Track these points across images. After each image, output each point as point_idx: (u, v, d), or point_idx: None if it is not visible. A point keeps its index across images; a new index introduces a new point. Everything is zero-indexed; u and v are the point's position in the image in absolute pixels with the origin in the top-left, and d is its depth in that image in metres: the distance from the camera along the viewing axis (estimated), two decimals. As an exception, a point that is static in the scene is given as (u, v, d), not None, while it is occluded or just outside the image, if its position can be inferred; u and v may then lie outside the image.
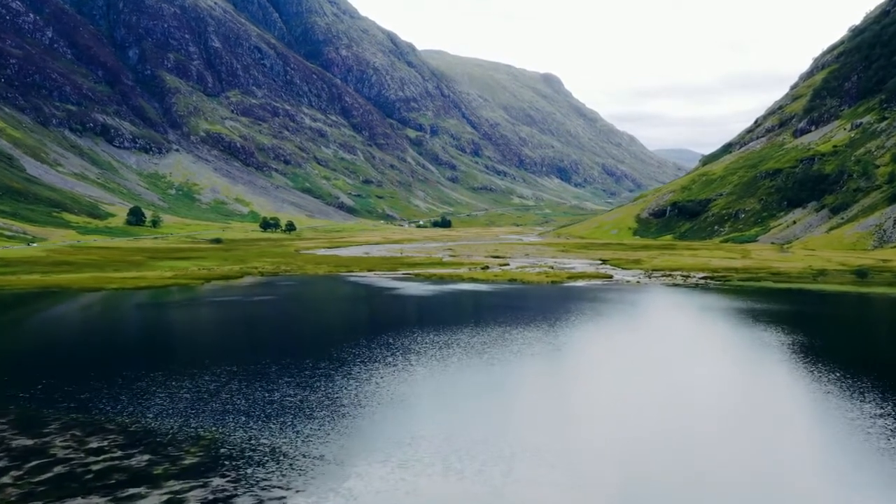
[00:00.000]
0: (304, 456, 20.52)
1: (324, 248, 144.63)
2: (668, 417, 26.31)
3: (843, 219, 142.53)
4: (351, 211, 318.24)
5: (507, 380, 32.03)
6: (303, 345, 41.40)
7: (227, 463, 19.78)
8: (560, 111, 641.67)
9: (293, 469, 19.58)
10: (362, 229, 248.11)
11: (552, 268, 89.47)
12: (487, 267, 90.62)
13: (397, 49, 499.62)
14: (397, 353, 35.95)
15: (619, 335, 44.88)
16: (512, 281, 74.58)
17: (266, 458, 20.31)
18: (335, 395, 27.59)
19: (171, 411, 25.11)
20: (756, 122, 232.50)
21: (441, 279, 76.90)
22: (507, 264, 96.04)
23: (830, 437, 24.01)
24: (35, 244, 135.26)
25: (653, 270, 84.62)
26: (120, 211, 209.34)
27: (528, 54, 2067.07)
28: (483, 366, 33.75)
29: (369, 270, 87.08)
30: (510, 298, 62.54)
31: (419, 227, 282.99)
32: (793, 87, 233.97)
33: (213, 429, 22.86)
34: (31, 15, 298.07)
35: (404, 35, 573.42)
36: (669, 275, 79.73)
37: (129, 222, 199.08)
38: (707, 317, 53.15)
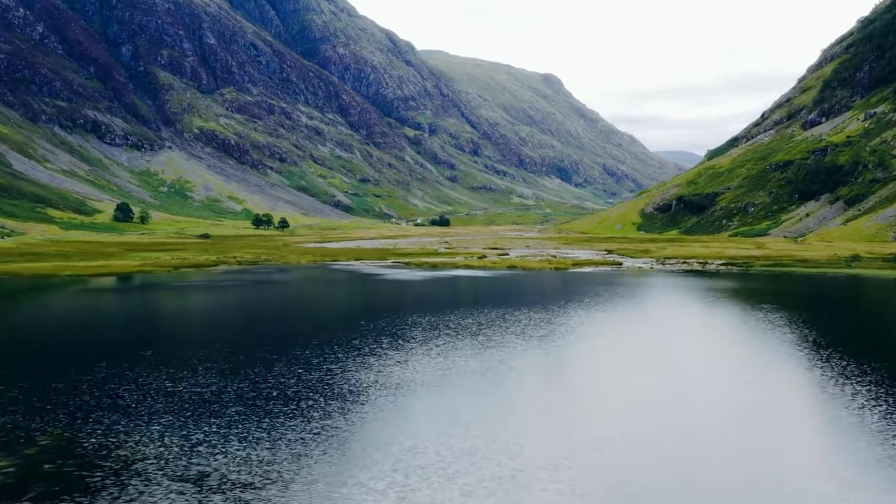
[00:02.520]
0: (176, 476, 13.20)
1: (314, 242, 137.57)
2: (712, 424, 19.17)
3: (859, 210, 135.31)
4: (347, 209, 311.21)
5: (505, 369, 24.62)
6: (249, 328, 34.10)
7: (41, 486, 12.54)
8: (560, 111, 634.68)
9: (142, 497, 12.33)
10: (358, 227, 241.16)
11: (555, 256, 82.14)
12: (485, 256, 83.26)
13: (396, 48, 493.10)
14: (367, 337, 28.75)
15: (636, 323, 37.60)
16: (511, 268, 67.18)
17: (108, 479, 13.02)
18: (263, 387, 20.35)
19: (15, 408, 17.87)
20: (763, 115, 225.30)
21: (433, 267, 69.58)
22: (507, 254, 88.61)
23: (863, 436, 16.87)
24: (9, 237, 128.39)
25: (665, 258, 77.23)
26: (108, 207, 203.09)
27: (528, 57, 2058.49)
28: (472, 352, 26.48)
29: (356, 259, 79.83)
30: (509, 283, 55.20)
31: (417, 225, 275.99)
32: (800, 80, 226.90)
33: (58, 432, 15.61)
34: (22, 10, 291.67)
35: (403, 35, 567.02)
36: (685, 262, 72.30)
37: (116, 218, 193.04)
38: (737, 302, 45.70)
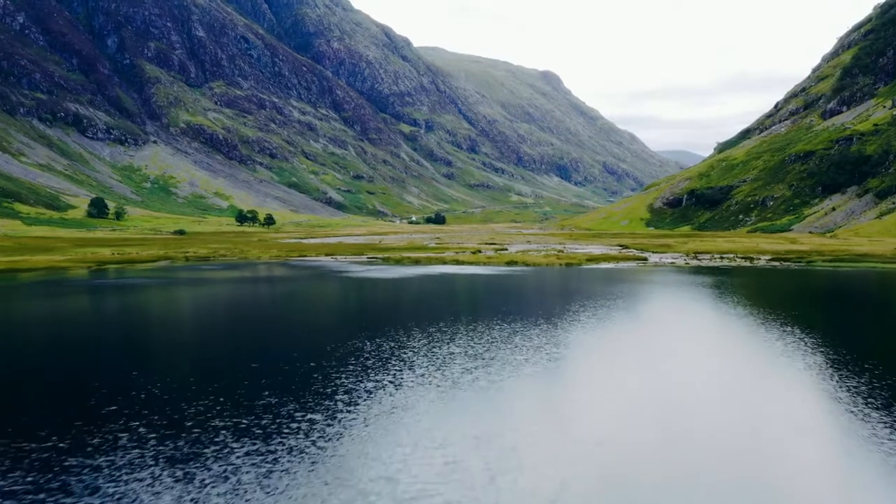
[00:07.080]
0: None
1: (295, 238, 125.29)
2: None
3: (893, 203, 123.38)
4: (339, 207, 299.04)
5: (505, 385, 12.62)
6: (125, 335, 22.15)
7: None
8: (559, 109, 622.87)
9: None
10: (348, 224, 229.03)
11: (562, 251, 69.90)
12: (479, 251, 71.06)
13: (392, 43, 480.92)
14: (318, 339, 16.82)
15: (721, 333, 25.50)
16: (511, 264, 54.97)
17: None
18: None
19: None
20: (776, 105, 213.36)
21: (416, 262, 57.41)
22: (506, 249, 76.46)
23: None
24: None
25: (696, 253, 65.07)
26: (84, 203, 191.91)
27: (525, 57, 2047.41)
28: (455, 364, 14.51)
29: (328, 255, 67.67)
30: (510, 280, 42.96)
31: (411, 223, 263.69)
32: (815, 69, 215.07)
33: None
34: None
35: (400, 32, 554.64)
36: (722, 257, 60.05)
37: (90, 214, 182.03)
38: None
